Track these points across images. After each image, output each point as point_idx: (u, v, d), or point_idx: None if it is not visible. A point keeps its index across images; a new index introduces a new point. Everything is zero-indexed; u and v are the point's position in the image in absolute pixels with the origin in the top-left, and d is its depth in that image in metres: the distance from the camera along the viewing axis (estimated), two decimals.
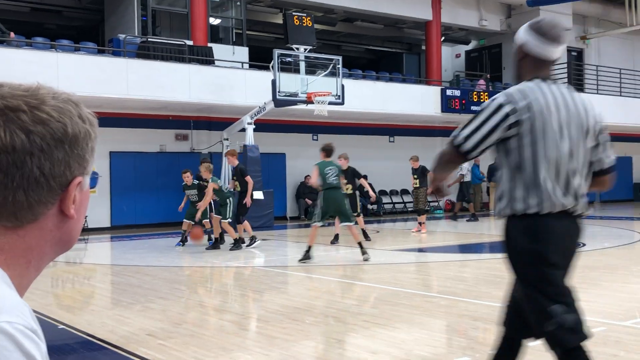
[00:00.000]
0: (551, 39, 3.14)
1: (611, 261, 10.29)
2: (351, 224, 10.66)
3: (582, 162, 3.11)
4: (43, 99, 1.00)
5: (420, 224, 15.67)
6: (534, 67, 3.16)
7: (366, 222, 18.78)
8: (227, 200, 12.74)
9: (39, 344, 0.90)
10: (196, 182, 13.62)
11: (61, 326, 6.32)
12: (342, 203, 10.52)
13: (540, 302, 3.08)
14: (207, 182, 12.89)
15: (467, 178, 20.36)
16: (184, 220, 13.88)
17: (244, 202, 13.17)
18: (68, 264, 12.19)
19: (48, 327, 6.24)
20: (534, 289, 3.10)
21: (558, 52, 3.19)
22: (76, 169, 1.02)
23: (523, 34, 3.19)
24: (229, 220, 12.73)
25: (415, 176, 15.64)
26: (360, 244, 10.70)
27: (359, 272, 10.09)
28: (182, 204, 14.35)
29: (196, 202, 13.47)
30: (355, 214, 13.47)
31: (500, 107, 3.00)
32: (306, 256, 10.48)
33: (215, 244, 12.93)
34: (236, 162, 13.52)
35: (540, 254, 3.05)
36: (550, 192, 3.01)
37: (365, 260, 10.41)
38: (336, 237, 13.35)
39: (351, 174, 13.67)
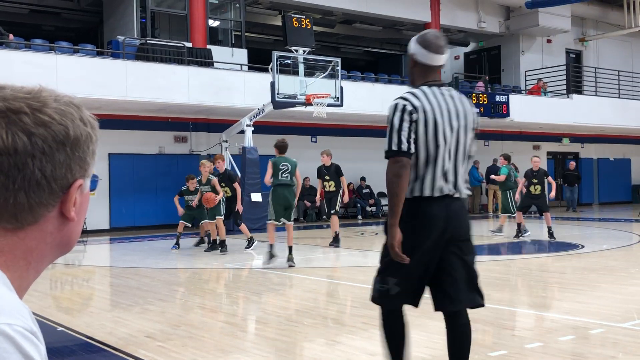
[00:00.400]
0: (434, 50, 3.63)
1: (609, 263, 10.30)
2: (290, 223, 10.31)
3: (462, 153, 3.66)
4: (45, 102, 1.01)
5: None
6: (423, 73, 3.69)
7: (364, 224, 18.80)
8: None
9: (38, 346, 0.90)
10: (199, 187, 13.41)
11: (60, 328, 6.32)
12: (290, 201, 10.31)
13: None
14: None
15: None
16: (180, 222, 13.86)
17: (236, 209, 13.09)
18: (67, 265, 12.18)
19: (47, 329, 6.24)
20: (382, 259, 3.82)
21: (442, 60, 3.69)
22: (77, 171, 1.03)
23: (412, 46, 3.71)
24: (222, 217, 12.65)
25: None
26: (290, 248, 10.25)
27: (357, 274, 10.09)
28: (181, 209, 14.23)
29: (197, 206, 13.40)
30: (333, 212, 13.42)
31: (404, 107, 3.56)
32: (270, 255, 10.23)
33: (215, 245, 12.84)
34: (224, 167, 13.41)
35: (409, 232, 3.53)
36: (430, 179, 3.56)
37: (290, 266, 10.03)
38: (335, 238, 13.29)
39: (334, 172, 13.55)
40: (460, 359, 3.87)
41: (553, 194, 14.38)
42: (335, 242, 13.22)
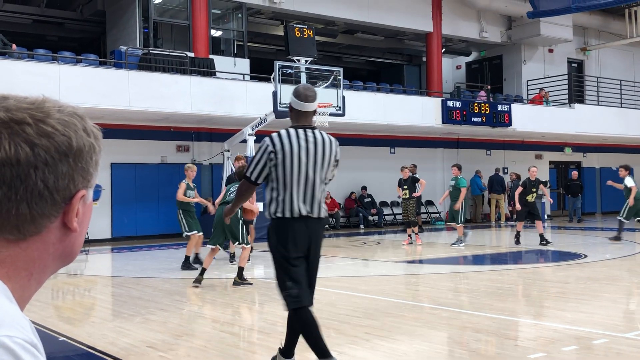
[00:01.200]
0: (303, 99, 4.61)
1: (613, 273, 10.27)
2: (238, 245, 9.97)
3: (319, 182, 4.59)
4: (48, 112, 1.00)
5: (409, 236, 15.59)
6: (296, 117, 4.67)
7: (366, 234, 18.79)
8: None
9: (39, 358, 0.90)
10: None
11: (61, 338, 6.31)
12: (234, 223, 9.91)
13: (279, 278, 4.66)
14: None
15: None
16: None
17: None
18: (69, 275, 12.18)
19: (48, 339, 6.23)
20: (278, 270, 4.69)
21: (310, 107, 4.65)
22: (80, 182, 1.02)
23: (290, 95, 4.74)
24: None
25: (405, 187, 15.50)
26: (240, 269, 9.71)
27: (359, 284, 10.07)
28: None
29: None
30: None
31: (266, 147, 4.58)
32: (193, 271, 9.81)
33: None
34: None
35: (280, 246, 4.62)
36: (289, 203, 4.53)
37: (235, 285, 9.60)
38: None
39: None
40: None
41: (550, 198, 14.92)
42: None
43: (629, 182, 15.57)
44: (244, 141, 18.19)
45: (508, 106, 23.17)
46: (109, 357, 5.55)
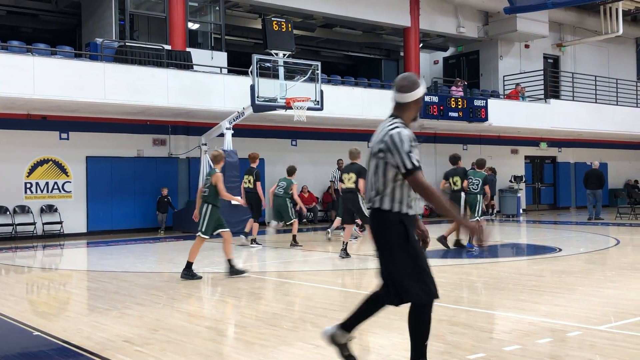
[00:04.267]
0: (396, 89, 4.52)
1: (587, 266, 10.40)
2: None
3: (371, 175, 4.39)
4: None
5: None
6: (398, 109, 4.53)
7: (342, 228, 18.76)
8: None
9: None
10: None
11: (36, 333, 6.24)
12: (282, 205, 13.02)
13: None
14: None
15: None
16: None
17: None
18: (43, 270, 12.06)
19: (23, 334, 6.16)
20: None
21: (401, 98, 4.51)
22: None
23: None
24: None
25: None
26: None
27: (337, 278, 10.09)
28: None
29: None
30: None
31: (411, 136, 4.30)
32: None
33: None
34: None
35: (409, 239, 4.32)
36: (407, 198, 4.33)
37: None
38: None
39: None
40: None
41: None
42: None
43: None
44: (222, 135, 18.12)
45: (484, 101, 23.33)
46: (85, 351, 5.51)
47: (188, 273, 9.53)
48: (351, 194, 11.96)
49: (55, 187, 17.96)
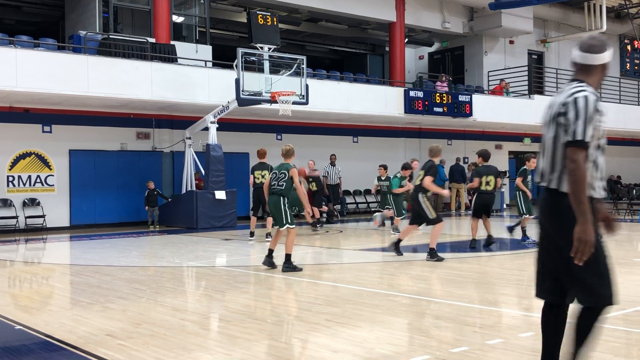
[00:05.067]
0: (584, 50, 3.89)
1: None
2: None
3: (548, 145, 3.78)
4: None
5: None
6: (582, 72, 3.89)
7: (329, 222, 18.81)
8: None
9: None
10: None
11: (18, 327, 6.19)
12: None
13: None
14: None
15: (334, 182, 20.05)
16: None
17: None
18: (26, 263, 11.97)
19: (4, 328, 6.11)
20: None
21: (577, 58, 3.92)
22: None
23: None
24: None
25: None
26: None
27: (321, 272, 10.10)
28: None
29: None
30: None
31: (595, 101, 3.69)
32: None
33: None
34: None
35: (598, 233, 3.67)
36: (592, 179, 3.70)
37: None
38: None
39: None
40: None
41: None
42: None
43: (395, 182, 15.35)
44: (206, 129, 18.06)
45: (469, 97, 23.42)
46: (67, 345, 5.48)
47: (289, 266, 9.54)
48: (414, 192, 10.94)
49: (38, 180, 17.82)
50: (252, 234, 14.37)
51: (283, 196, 9.65)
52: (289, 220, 9.61)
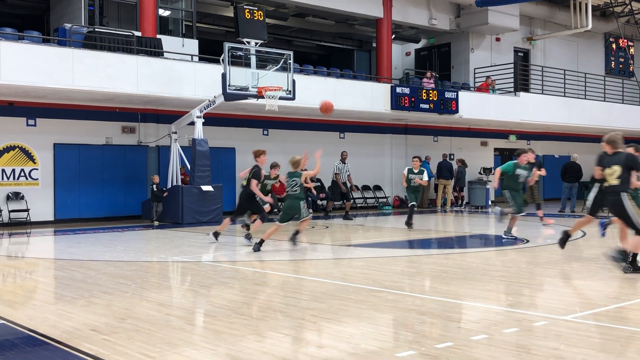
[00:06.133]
0: None
1: (553, 257, 10.55)
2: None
3: None
4: None
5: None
6: None
7: (315, 218, 18.83)
8: None
9: None
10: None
11: (1, 321, 6.15)
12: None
13: None
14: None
15: (343, 179, 20.02)
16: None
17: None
18: (9, 258, 11.88)
19: None
20: None
21: None
22: None
23: None
24: None
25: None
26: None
27: (307, 268, 10.11)
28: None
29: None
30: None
31: None
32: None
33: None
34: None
35: None
36: None
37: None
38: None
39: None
40: None
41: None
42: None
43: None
44: (192, 123, 17.99)
45: (455, 93, 23.48)
46: (51, 340, 5.45)
47: (293, 238, 12.03)
48: (614, 195, 8.90)
49: (22, 174, 17.68)
50: (217, 235, 13.34)
51: (300, 199, 11.75)
52: (305, 214, 11.90)
